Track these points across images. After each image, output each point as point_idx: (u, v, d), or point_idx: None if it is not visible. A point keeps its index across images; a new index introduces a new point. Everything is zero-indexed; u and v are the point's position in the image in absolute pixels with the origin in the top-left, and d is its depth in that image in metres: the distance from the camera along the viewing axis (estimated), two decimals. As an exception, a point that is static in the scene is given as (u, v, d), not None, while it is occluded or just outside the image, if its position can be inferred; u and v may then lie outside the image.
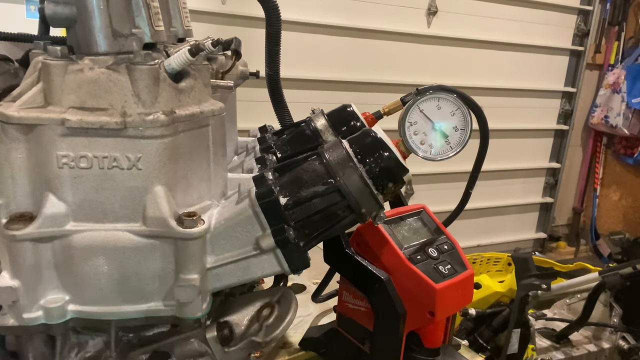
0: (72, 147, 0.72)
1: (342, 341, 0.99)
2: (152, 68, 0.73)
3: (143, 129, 0.72)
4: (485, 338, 2.09)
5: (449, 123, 0.83)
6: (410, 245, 0.93)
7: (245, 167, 1.05)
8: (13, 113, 0.72)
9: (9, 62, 1.04)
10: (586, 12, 4.66)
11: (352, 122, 0.96)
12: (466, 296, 0.96)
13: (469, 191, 1.16)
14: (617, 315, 2.10)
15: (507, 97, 4.41)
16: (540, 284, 1.98)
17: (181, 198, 0.79)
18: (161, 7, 0.84)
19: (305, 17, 3.40)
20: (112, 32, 0.75)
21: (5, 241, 0.74)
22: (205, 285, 0.80)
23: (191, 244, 0.76)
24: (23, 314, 0.76)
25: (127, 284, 0.77)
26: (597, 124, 4.98)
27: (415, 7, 3.87)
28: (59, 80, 0.74)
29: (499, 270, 2.84)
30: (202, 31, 1.07)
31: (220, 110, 0.83)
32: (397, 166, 0.76)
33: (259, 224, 0.77)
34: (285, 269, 0.79)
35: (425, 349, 0.95)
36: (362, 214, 0.76)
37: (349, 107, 1.00)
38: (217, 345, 0.85)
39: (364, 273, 0.87)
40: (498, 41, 4.23)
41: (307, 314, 1.25)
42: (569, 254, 5.19)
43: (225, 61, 1.05)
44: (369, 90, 3.73)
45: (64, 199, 0.75)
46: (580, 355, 2.05)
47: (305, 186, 0.76)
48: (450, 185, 4.03)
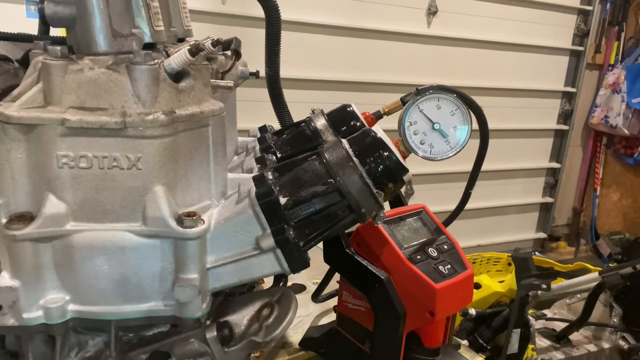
0: (72, 147, 0.72)
1: (342, 341, 0.99)
2: (152, 68, 0.73)
3: (143, 128, 0.72)
4: (485, 338, 2.09)
5: (448, 123, 0.83)
6: (410, 245, 0.93)
7: (245, 167, 1.05)
8: (13, 113, 0.72)
9: (9, 62, 1.04)
10: (586, 12, 4.66)
11: (352, 122, 0.96)
12: (466, 296, 0.96)
13: (468, 191, 1.16)
14: (617, 315, 2.10)
15: (507, 97, 4.41)
16: (540, 284, 1.98)
17: (181, 198, 0.79)
18: (161, 7, 0.84)
19: (305, 17, 3.40)
20: (112, 32, 0.75)
21: (5, 241, 0.74)
22: (205, 285, 0.80)
23: (191, 244, 0.76)
24: (23, 314, 0.76)
25: (127, 284, 0.77)
26: (597, 124, 4.98)
27: (415, 7, 3.87)
28: (59, 80, 0.73)
29: (499, 270, 2.84)
30: (202, 31, 1.07)
31: (220, 110, 0.83)
32: (397, 166, 0.76)
33: (259, 223, 0.77)
34: (285, 268, 0.79)
35: (425, 349, 0.96)
36: (362, 213, 0.76)
37: (349, 107, 1.00)
38: (217, 345, 0.85)
39: (364, 273, 0.87)
40: (498, 41, 4.23)
41: (307, 314, 1.25)
42: (569, 254, 5.19)
43: (225, 61, 1.05)
44: (369, 90, 3.73)
45: (64, 199, 0.74)
46: (580, 355, 2.05)
47: (305, 186, 0.76)
48: (450, 185, 4.03)
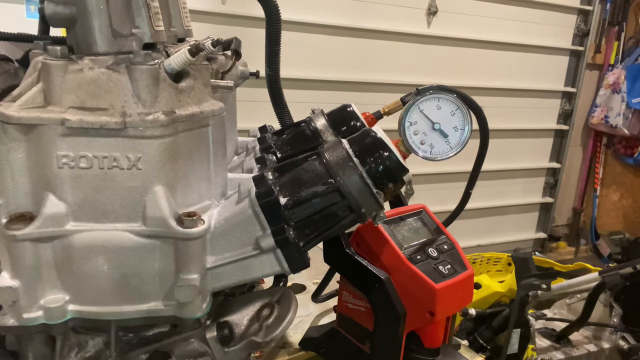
0: (72, 147, 0.72)
1: (342, 341, 0.99)
2: (152, 68, 0.73)
3: (143, 128, 0.72)
4: (485, 338, 2.09)
5: (449, 123, 0.83)
6: (410, 245, 0.93)
7: (245, 167, 1.05)
8: (13, 113, 0.72)
9: (9, 62, 1.04)
10: (586, 12, 4.66)
11: (352, 122, 0.96)
12: (466, 296, 0.96)
13: (469, 191, 1.16)
14: (617, 315, 2.10)
15: (507, 97, 4.41)
16: (540, 284, 1.98)
17: (181, 198, 0.79)
18: (161, 7, 0.84)
19: (305, 17, 3.40)
20: (112, 32, 0.75)
21: (5, 241, 0.74)
22: (205, 285, 0.80)
23: (191, 244, 0.76)
24: (23, 314, 0.76)
25: (127, 284, 0.77)
26: (597, 124, 4.98)
27: (415, 7, 3.87)
28: (59, 80, 0.73)
29: (499, 270, 2.84)
30: (202, 31, 1.07)
31: (220, 110, 0.83)
32: (397, 166, 0.76)
33: (259, 224, 0.77)
34: (285, 268, 0.79)
35: (425, 349, 0.95)
36: (362, 213, 0.76)
37: (349, 107, 0.99)
38: (217, 345, 0.85)
39: (364, 273, 0.87)
40: (498, 41, 4.23)
41: (307, 314, 1.25)
42: (569, 254, 5.19)
43: (225, 61, 1.05)
44: (369, 90, 3.73)
45: (64, 199, 0.74)
46: (580, 355, 2.05)
47: (305, 186, 0.76)
48: (450, 185, 4.03)
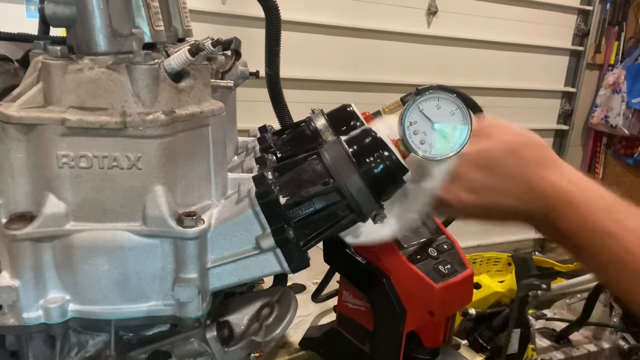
0: (72, 147, 0.72)
1: (342, 341, 0.99)
2: (152, 68, 0.73)
3: (143, 128, 0.72)
4: (485, 338, 2.09)
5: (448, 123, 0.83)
6: (410, 245, 0.93)
7: (245, 167, 1.05)
8: (13, 113, 0.72)
9: (9, 62, 1.04)
10: (586, 12, 4.66)
11: (352, 122, 0.96)
12: (466, 296, 0.96)
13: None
14: (617, 315, 2.10)
15: (507, 97, 4.41)
16: (540, 284, 1.98)
17: (181, 198, 0.79)
18: (161, 7, 0.84)
19: (305, 17, 3.40)
20: (111, 32, 0.75)
21: (5, 241, 0.74)
22: (205, 285, 0.80)
23: (191, 244, 0.76)
24: (23, 314, 0.76)
25: (127, 284, 0.77)
26: (597, 124, 4.98)
27: (415, 7, 3.87)
28: (59, 80, 0.73)
29: (499, 270, 2.84)
30: (202, 31, 1.07)
31: (220, 110, 0.83)
32: (396, 166, 0.76)
33: (258, 223, 0.77)
34: (285, 268, 0.79)
35: (425, 349, 0.95)
36: (362, 213, 0.76)
37: (349, 107, 0.99)
38: (217, 345, 0.85)
39: (364, 273, 0.87)
40: (498, 41, 4.23)
41: (307, 314, 1.25)
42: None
43: (225, 61, 1.05)
44: (369, 90, 3.74)
45: (64, 199, 0.74)
46: (580, 355, 2.05)
47: (305, 186, 0.76)
48: (450, 185, 4.02)
